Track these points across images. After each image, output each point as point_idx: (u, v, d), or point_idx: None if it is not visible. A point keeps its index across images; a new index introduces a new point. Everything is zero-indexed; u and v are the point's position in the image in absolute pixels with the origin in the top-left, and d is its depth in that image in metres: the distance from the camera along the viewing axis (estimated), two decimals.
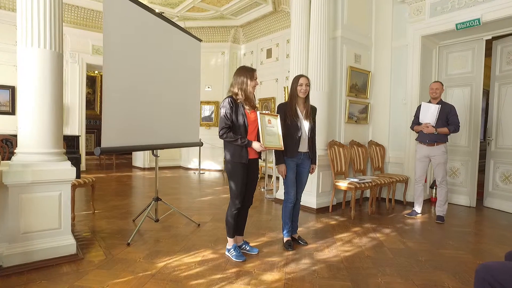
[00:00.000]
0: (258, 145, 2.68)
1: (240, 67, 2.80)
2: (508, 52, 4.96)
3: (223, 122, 2.64)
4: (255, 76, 2.75)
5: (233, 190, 2.75)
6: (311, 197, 4.62)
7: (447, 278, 2.54)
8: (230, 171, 2.74)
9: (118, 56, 2.96)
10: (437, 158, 4.19)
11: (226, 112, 2.63)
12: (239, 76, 2.71)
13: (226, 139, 2.66)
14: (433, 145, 4.21)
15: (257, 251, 2.95)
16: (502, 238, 3.64)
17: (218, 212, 4.36)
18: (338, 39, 5.04)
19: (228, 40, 8.92)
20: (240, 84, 2.69)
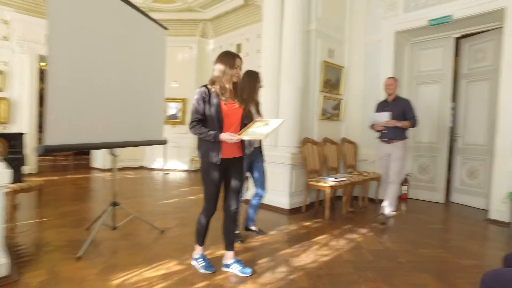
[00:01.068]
0: (227, 136, 2.27)
1: (221, 53, 2.44)
2: (475, 50, 5.02)
3: (193, 114, 2.33)
4: (236, 64, 2.38)
5: (204, 194, 2.45)
6: (283, 197, 4.39)
7: (432, 280, 2.41)
8: (202, 172, 2.43)
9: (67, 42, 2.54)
10: (394, 154, 4.09)
11: (197, 103, 2.32)
12: (218, 63, 2.38)
13: (194, 133, 2.35)
14: (392, 142, 4.11)
15: (250, 271, 2.43)
16: (473, 234, 3.64)
17: (184, 216, 4.02)
18: (312, 32, 4.86)
19: (196, 34, 8.52)
20: (218, 72, 2.36)
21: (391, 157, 4.12)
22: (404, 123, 3.99)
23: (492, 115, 4.55)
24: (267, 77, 4.50)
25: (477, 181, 4.83)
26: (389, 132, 4.09)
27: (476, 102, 4.95)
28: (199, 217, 2.50)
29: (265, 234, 3.41)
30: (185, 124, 8.19)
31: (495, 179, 4.09)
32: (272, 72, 4.66)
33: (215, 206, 2.45)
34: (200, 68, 8.51)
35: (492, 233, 3.72)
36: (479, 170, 4.81)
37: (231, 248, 2.54)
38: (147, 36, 3.71)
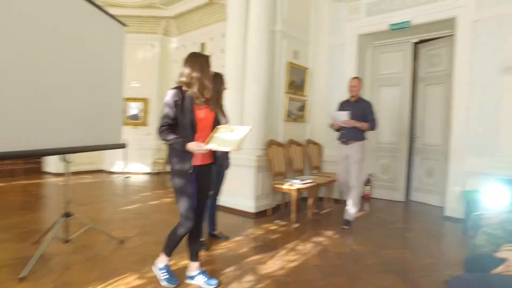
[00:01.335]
0: (195, 146, 2.09)
1: (193, 53, 2.27)
2: (431, 55, 5.25)
3: (163, 119, 2.14)
4: (210, 64, 2.27)
5: (181, 208, 2.22)
6: (248, 200, 4.31)
7: (396, 282, 2.45)
8: (176, 182, 2.21)
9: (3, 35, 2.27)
10: (352, 156, 3.98)
11: (168, 106, 2.12)
12: (195, 62, 2.19)
13: (161, 139, 2.15)
14: (350, 143, 4.00)
15: (216, 283, 2.33)
16: (431, 232, 3.80)
17: (146, 223, 3.82)
18: (277, 33, 4.82)
19: (159, 32, 8.20)
20: (197, 71, 2.16)
21: (349, 160, 4.02)
22: (363, 125, 3.90)
23: (447, 117, 4.77)
24: (232, 78, 4.40)
25: (434, 180, 5.06)
26: (348, 133, 3.99)
27: (433, 104, 5.18)
28: (176, 229, 2.28)
29: (228, 238, 3.33)
30: (147, 125, 7.87)
31: (450, 178, 4.29)
32: (237, 72, 4.56)
33: (194, 219, 2.26)
34: (162, 67, 8.21)
35: (448, 230, 3.90)
36: (436, 169, 5.04)
37: (196, 258, 2.41)
38: (104, 33, 3.46)
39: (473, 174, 4.04)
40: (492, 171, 3.85)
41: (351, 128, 3.91)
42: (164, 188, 6.08)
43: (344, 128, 3.99)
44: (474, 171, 4.03)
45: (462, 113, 4.23)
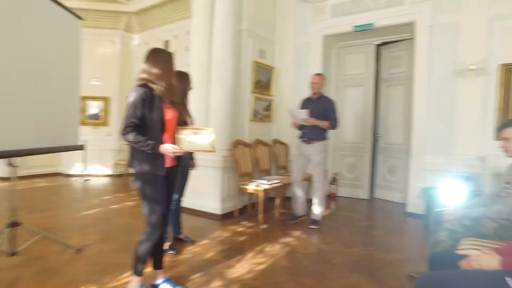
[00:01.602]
0: (170, 148, 1.99)
1: (155, 49, 2.12)
2: (393, 57, 5.42)
3: (129, 118, 1.94)
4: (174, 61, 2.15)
5: (150, 213, 2.04)
6: (214, 202, 4.20)
7: (363, 280, 2.48)
8: (143, 187, 2.03)
9: None
10: (314, 157, 3.89)
11: (135, 105, 1.94)
12: (158, 59, 2.05)
13: (128, 141, 1.96)
14: (310, 143, 3.90)
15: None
16: (396, 228, 3.94)
17: (106, 229, 3.59)
18: (243, 32, 4.74)
19: (120, 28, 7.82)
20: (160, 68, 2.02)
21: (311, 160, 3.94)
22: (323, 123, 3.80)
23: (407, 117, 4.95)
24: (197, 77, 4.25)
25: (396, 177, 5.23)
26: (309, 132, 3.88)
27: (394, 105, 5.35)
28: (142, 243, 2.07)
29: (194, 242, 3.22)
30: (108, 125, 7.49)
31: (411, 176, 4.45)
32: (202, 71, 4.43)
33: (162, 226, 2.12)
34: (124, 64, 7.84)
35: (410, 226, 4.03)
36: (398, 167, 5.21)
37: (160, 266, 2.28)
38: (58, 26, 3.20)
39: (432, 171, 4.21)
40: (449, 168, 4.03)
41: (313, 127, 3.81)
42: (127, 191, 5.80)
43: (305, 127, 3.88)
44: (433, 168, 4.20)
45: (421, 113, 4.39)
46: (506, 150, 2.24)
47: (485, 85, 3.98)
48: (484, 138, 3.95)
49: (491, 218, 2.13)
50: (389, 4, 4.64)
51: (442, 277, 1.42)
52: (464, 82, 4.09)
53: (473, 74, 4.02)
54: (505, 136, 2.21)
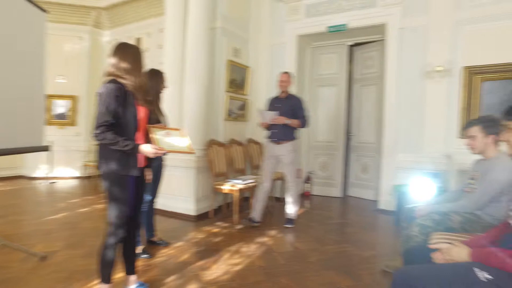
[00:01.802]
0: (150, 149, 1.92)
1: (124, 43, 2.02)
2: (365, 58, 5.55)
3: (102, 117, 1.83)
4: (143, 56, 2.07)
5: (116, 215, 1.95)
6: (189, 203, 4.12)
7: (339, 277, 2.51)
8: (112, 188, 1.94)
9: None
10: (285, 158, 3.82)
11: (108, 102, 1.83)
12: (127, 53, 1.96)
13: (103, 141, 1.85)
14: (280, 143, 3.82)
15: None
16: (369, 225, 4.02)
17: (74, 234, 3.42)
18: (217, 30, 4.69)
19: (88, 23, 7.52)
20: (131, 63, 1.94)
21: (281, 161, 3.88)
22: (293, 121, 3.74)
23: (379, 117, 5.08)
24: (170, 75, 4.14)
25: (369, 175, 5.36)
26: (278, 132, 3.79)
27: (367, 104, 5.48)
28: (106, 246, 1.97)
29: (168, 244, 3.13)
30: (76, 125, 7.18)
31: (383, 174, 4.57)
32: (176, 69, 4.34)
33: (126, 227, 2.03)
34: (93, 62, 7.54)
35: (382, 222, 4.13)
36: (370, 165, 5.34)
37: (133, 270, 2.19)
38: (19, 19, 3.01)
39: (403, 169, 4.34)
40: (419, 166, 4.17)
41: (282, 126, 3.75)
42: (96, 193, 5.57)
43: (274, 127, 3.81)
44: (404, 166, 4.34)
45: (392, 113, 4.52)
46: (471, 148, 2.33)
47: (450, 86, 4.16)
48: (449, 136, 4.12)
49: (457, 213, 2.22)
50: (362, 5, 4.74)
51: (416, 271, 1.46)
52: (431, 83, 4.25)
53: (440, 76, 4.18)
54: (470, 135, 2.31)
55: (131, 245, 2.18)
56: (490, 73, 3.98)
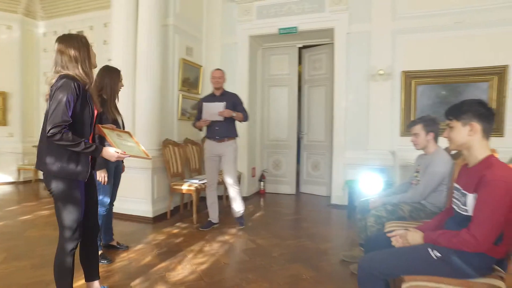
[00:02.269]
0: (113, 153, 1.88)
1: (68, 35, 1.87)
2: (313, 60, 5.82)
3: (60, 115, 1.68)
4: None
5: (67, 220, 1.82)
6: (145, 205, 3.99)
7: (302, 269, 2.64)
8: (60, 192, 1.80)
9: None
10: (227, 156, 3.69)
11: (68, 100, 1.71)
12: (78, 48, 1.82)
13: (61, 142, 1.70)
14: (223, 141, 3.67)
15: None
16: (323, 219, 4.25)
17: (17, 244, 3.11)
18: (169, 27, 4.59)
19: (18, 11, 6.80)
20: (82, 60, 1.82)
21: (223, 159, 3.72)
22: (238, 115, 3.62)
23: (328, 116, 5.39)
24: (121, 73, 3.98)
25: (320, 172, 5.64)
26: (222, 129, 3.64)
27: (316, 104, 5.75)
28: (61, 255, 1.84)
29: (127, 248, 3.03)
30: (8, 125, 6.48)
31: (334, 170, 4.85)
32: (127, 67, 4.12)
33: (82, 234, 1.91)
34: (26, 55, 6.85)
35: (335, 216, 4.38)
36: (321, 163, 5.62)
37: (97, 276, 2.08)
38: None
39: (352, 165, 4.65)
40: (367, 162, 4.51)
41: (225, 123, 3.62)
42: (37, 199, 5.11)
43: (216, 124, 3.64)
44: (353, 163, 4.65)
45: (341, 112, 4.81)
46: (415, 144, 2.62)
47: (392, 88, 4.56)
48: (392, 134, 4.52)
49: (406, 203, 2.48)
50: (312, 10, 4.97)
51: (380, 256, 1.62)
52: (375, 85, 4.62)
53: (382, 79, 4.57)
54: (414, 132, 2.60)
55: (93, 249, 2.08)
56: (424, 78, 4.45)
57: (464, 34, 4.26)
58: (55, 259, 1.86)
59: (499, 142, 3.71)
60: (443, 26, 4.32)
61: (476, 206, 1.43)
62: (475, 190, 1.45)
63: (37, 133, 6.94)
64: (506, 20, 4.06)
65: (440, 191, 2.43)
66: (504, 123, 4.07)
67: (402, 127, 4.49)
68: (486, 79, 4.19)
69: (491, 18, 4.12)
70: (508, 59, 4.08)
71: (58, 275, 1.86)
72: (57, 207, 1.84)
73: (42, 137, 1.81)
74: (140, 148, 2.17)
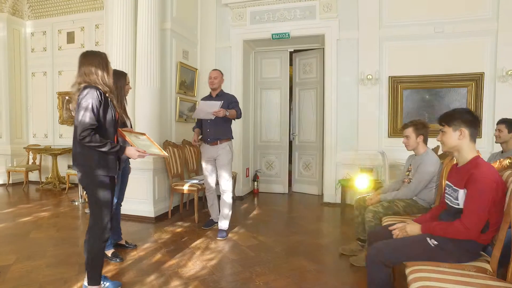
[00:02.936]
0: (134, 151, 2.11)
1: (91, 51, 2.12)
2: (303, 64, 6.06)
3: (88, 120, 1.91)
4: None
5: (101, 215, 2.06)
6: (147, 205, 4.10)
7: (306, 262, 2.83)
8: (94, 189, 2.04)
9: None
10: (221, 159, 3.56)
11: (92, 107, 1.93)
12: (99, 63, 2.05)
13: (90, 144, 1.93)
14: (216, 143, 3.57)
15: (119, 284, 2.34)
16: (318, 216, 4.48)
17: (25, 245, 3.16)
18: (167, 31, 4.70)
19: (4, 10, 6.69)
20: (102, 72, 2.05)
21: (217, 162, 3.61)
22: (231, 112, 3.47)
23: (318, 118, 5.65)
24: None
25: (311, 172, 5.88)
26: (212, 131, 3.55)
27: (307, 107, 5.98)
28: (98, 244, 2.06)
29: (136, 247, 3.16)
30: None
31: (326, 170, 5.10)
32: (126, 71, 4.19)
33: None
34: (13, 55, 6.76)
35: (329, 213, 4.61)
36: (312, 163, 5.87)
37: None
38: None
39: (343, 165, 4.92)
40: (357, 162, 4.78)
41: (217, 124, 3.52)
42: (31, 201, 5.10)
43: (208, 125, 3.56)
44: (344, 162, 4.92)
45: (332, 115, 5.06)
46: (406, 145, 2.88)
47: (379, 92, 4.85)
48: (380, 136, 4.81)
49: (400, 199, 2.73)
50: (303, 17, 5.20)
51: (384, 246, 1.84)
52: (364, 89, 4.90)
53: (371, 83, 4.85)
54: (405, 134, 2.85)
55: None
56: (409, 83, 4.76)
57: (445, 43, 4.60)
58: (91, 249, 2.05)
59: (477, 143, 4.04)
60: (426, 35, 4.66)
61: (466, 200, 1.67)
62: (465, 186, 1.69)
63: (26, 134, 6.89)
64: (482, 31, 4.43)
65: (430, 188, 2.69)
66: (481, 126, 4.42)
67: (390, 128, 4.79)
68: (465, 84, 4.55)
69: (468, 29, 4.48)
70: (483, 66, 4.46)
71: (95, 262, 2.07)
72: (92, 201, 2.06)
73: (74, 141, 2.02)
74: (157, 147, 2.35)
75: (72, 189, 5.96)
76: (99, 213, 2.06)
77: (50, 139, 6.85)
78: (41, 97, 6.93)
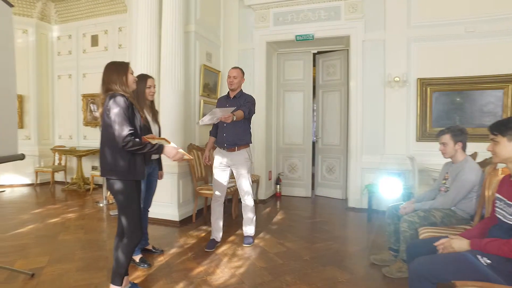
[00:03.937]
0: (172, 149, 2.19)
1: (113, 62, 2.19)
2: (327, 65, 5.95)
3: (125, 127, 1.99)
4: None
5: (131, 218, 2.13)
6: (172, 209, 4.11)
7: (337, 272, 2.74)
8: (122, 193, 2.10)
9: None
10: (239, 167, 3.28)
11: (124, 114, 2.01)
12: (118, 72, 2.13)
13: (133, 148, 2.02)
14: (233, 150, 3.24)
15: None
16: (344, 222, 4.39)
17: (55, 248, 3.21)
18: (191, 34, 4.69)
19: (33, 15, 6.89)
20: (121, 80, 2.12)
21: (235, 171, 3.33)
22: (238, 113, 3.04)
23: (343, 121, 5.53)
24: None
25: (335, 176, 5.77)
26: (229, 136, 3.23)
27: (331, 109, 5.87)
28: (129, 247, 2.13)
29: (162, 252, 3.15)
30: (25, 127, 6.57)
31: (351, 174, 4.98)
32: (151, 74, 4.22)
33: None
34: (41, 59, 6.93)
35: (354, 219, 4.47)
36: (336, 166, 5.75)
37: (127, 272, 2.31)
38: None
39: (369, 169, 4.78)
40: (384, 166, 4.64)
41: (235, 128, 3.21)
42: (58, 201, 5.20)
43: (225, 130, 3.26)
44: (370, 167, 4.78)
45: (357, 117, 4.93)
46: (443, 153, 2.74)
47: (407, 95, 4.69)
48: (409, 140, 4.65)
49: (437, 209, 2.60)
50: (328, 17, 5.09)
51: (428, 260, 1.73)
52: (391, 91, 4.75)
53: (398, 85, 4.69)
54: (442, 141, 2.71)
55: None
56: (439, 85, 4.58)
57: (476, 43, 4.40)
58: (121, 251, 2.12)
59: None
60: (456, 35, 4.47)
61: None
62: None
63: (52, 135, 7.04)
64: None
65: (470, 198, 2.55)
66: None
67: (418, 132, 4.63)
68: (501, 86, 4.33)
69: (501, 28, 4.26)
70: None
71: (120, 269, 2.13)
72: (121, 206, 2.11)
73: (102, 149, 2.10)
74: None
75: (96, 190, 6.06)
76: (129, 216, 2.12)
77: (74, 140, 6.99)
78: (66, 99, 7.09)
